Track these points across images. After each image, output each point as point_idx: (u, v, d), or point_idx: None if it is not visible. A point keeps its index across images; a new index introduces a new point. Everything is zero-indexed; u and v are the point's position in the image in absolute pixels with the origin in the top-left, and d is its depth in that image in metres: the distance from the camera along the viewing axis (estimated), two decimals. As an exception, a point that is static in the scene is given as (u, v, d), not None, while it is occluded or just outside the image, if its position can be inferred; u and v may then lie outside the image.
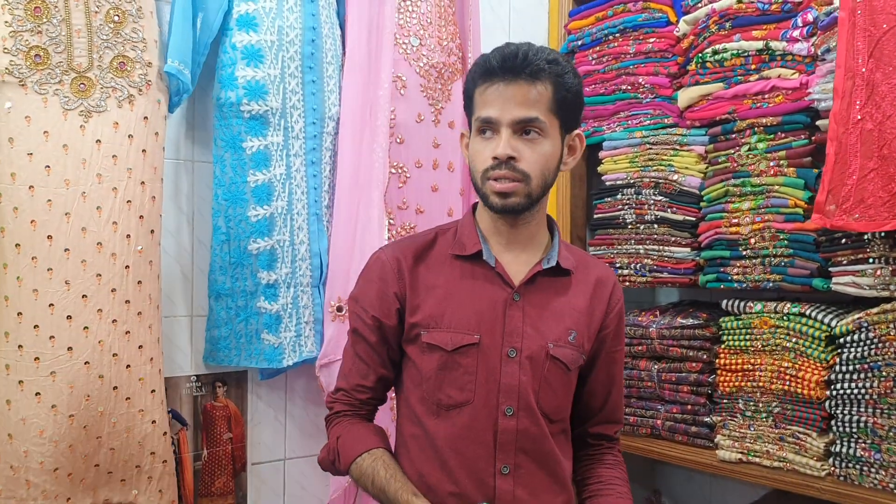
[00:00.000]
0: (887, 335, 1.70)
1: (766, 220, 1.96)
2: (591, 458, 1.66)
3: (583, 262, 1.61)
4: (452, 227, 1.60)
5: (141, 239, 1.74)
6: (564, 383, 1.53)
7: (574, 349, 1.52)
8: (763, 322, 1.95)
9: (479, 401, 1.46)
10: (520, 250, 1.53)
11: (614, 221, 2.32)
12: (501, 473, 1.46)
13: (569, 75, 1.45)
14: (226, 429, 1.98)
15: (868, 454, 1.74)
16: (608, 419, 1.66)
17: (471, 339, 1.47)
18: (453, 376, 1.47)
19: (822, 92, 1.81)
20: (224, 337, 1.90)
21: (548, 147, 1.44)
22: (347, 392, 1.56)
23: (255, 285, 1.90)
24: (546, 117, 1.42)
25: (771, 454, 1.93)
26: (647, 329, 2.20)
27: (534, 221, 1.53)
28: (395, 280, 1.52)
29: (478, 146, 1.46)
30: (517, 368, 1.47)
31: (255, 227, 1.89)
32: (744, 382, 1.98)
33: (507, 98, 1.41)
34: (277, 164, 1.92)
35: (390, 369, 1.57)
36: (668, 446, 2.18)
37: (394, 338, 1.54)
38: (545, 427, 1.49)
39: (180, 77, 1.78)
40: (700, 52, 2.10)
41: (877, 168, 1.61)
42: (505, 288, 1.50)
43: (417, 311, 1.50)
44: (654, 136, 2.24)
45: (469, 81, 1.49)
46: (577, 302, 1.55)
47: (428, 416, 1.49)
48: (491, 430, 1.46)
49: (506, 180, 1.42)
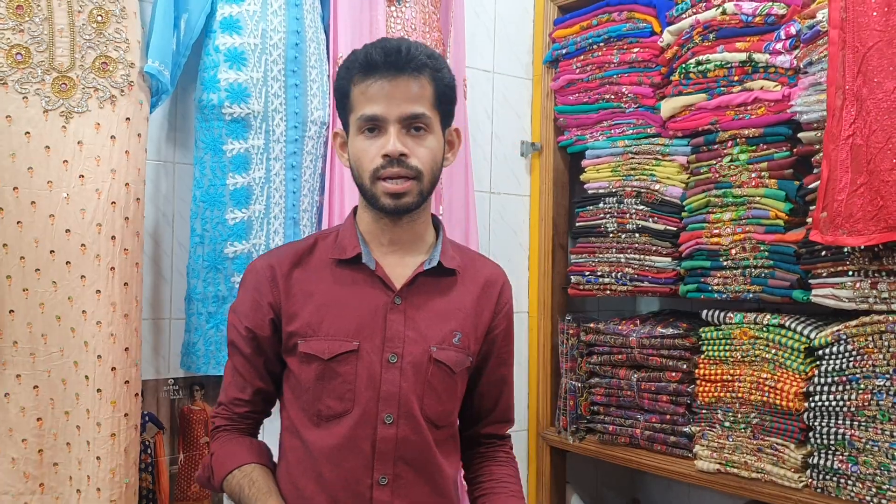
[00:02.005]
0: (866, 348, 1.71)
1: (747, 231, 1.97)
2: (482, 456, 1.62)
3: (472, 263, 1.57)
4: (333, 231, 1.54)
5: (126, 241, 1.73)
6: (449, 387, 1.48)
7: (459, 351, 1.47)
8: (743, 333, 1.96)
9: (359, 410, 1.40)
10: (404, 252, 1.48)
11: (596, 230, 2.33)
12: (379, 484, 1.40)
13: (446, 70, 1.43)
14: (203, 432, 1.97)
15: (846, 466, 1.75)
16: (499, 419, 1.63)
17: (349, 346, 1.41)
18: (332, 386, 1.41)
19: (804, 104, 1.82)
20: (195, 343, 1.88)
21: (433, 142, 1.41)
22: (226, 406, 1.51)
23: (228, 290, 1.89)
24: (430, 112, 1.39)
25: (749, 465, 1.94)
26: (627, 338, 2.20)
27: (419, 220, 1.48)
28: (269, 289, 1.46)
29: (363, 145, 1.40)
30: (398, 375, 1.42)
31: (232, 231, 1.88)
32: (723, 393, 1.99)
33: (392, 94, 1.36)
34: (257, 168, 1.91)
35: (269, 382, 1.51)
36: (646, 456, 2.19)
37: (270, 348, 1.48)
38: (428, 435, 1.44)
39: (160, 77, 1.77)
40: (683, 63, 2.11)
41: (865, 183, 1.63)
42: (386, 292, 1.45)
43: (294, 320, 1.44)
44: (636, 145, 2.25)
45: (344, 78, 1.42)
46: (462, 303, 1.50)
47: (308, 427, 1.43)
48: (369, 439, 1.40)
49: (400, 180, 1.37)
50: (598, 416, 2.31)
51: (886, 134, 1.60)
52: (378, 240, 1.48)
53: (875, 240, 1.63)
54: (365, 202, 1.46)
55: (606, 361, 2.27)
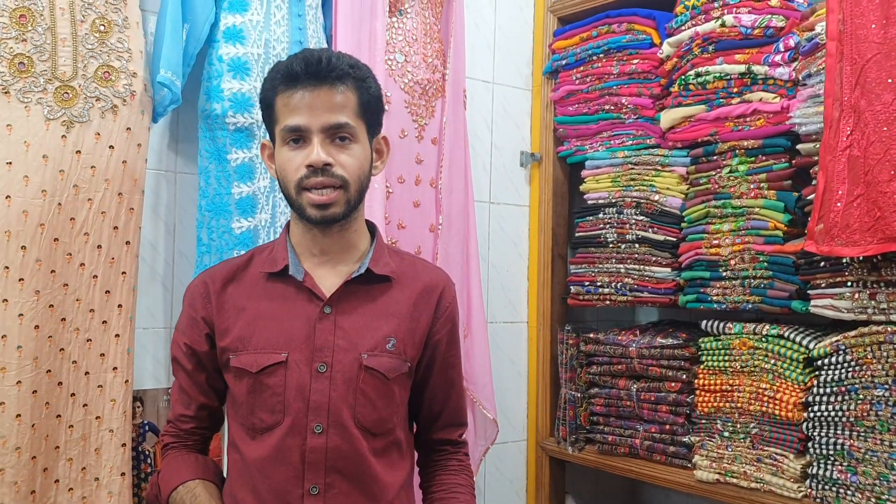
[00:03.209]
0: (864, 358, 1.72)
1: (746, 242, 1.98)
2: (435, 465, 1.61)
3: (411, 268, 1.55)
4: (270, 245, 1.55)
5: (114, 249, 1.73)
6: (384, 394, 1.46)
7: (393, 357, 1.45)
8: (742, 343, 1.96)
9: (289, 420, 1.39)
10: (335, 261, 1.48)
11: (596, 240, 2.34)
12: (310, 494, 1.39)
13: (370, 79, 1.43)
14: (203, 443, 1.96)
15: (845, 476, 1.75)
16: (450, 423, 1.61)
17: (277, 358, 1.41)
18: (262, 399, 1.41)
19: (803, 116, 1.84)
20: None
21: (360, 151, 1.41)
22: (173, 423, 1.52)
23: None
24: (354, 122, 1.39)
25: (748, 475, 1.94)
26: (626, 348, 2.21)
27: (351, 229, 1.47)
28: (202, 305, 1.47)
29: (287, 156, 1.39)
30: (327, 384, 1.41)
31: (238, 240, 1.88)
32: (722, 403, 1.99)
33: (314, 104, 1.36)
34: (262, 177, 1.91)
35: (213, 398, 1.52)
36: (646, 466, 2.19)
37: (210, 364, 1.49)
38: (361, 443, 1.43)
39: (172, 87, 1.77)
40: (683, 74, 2.12)
41: (862, 194, 1.64)
42: (315, 302, 1.44)
43: (226, 335, 1.44)
44: (636, 156, 2.26)
45: (267, 89, 1.41)
46: (397, 309, 1.48)
47: (245, 440, 1.44)
48: (298, 449, 1.40)
49: (327, 190, 1.37)
50: (598, 427, 2.31)
51: (885, 145, 1.61)
52: (309, 251, 1.47)
53: (872, 251, 1.64)
54: (294, 214, 1.46)
55: (606, 371, 2.28)
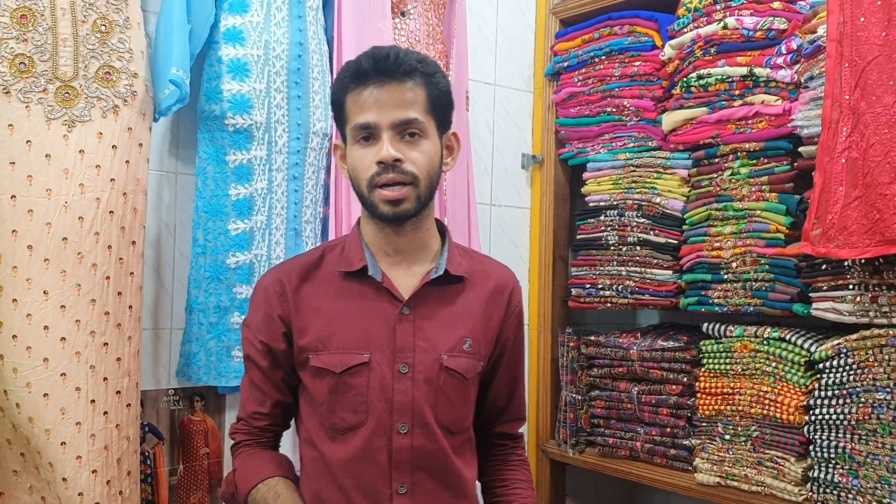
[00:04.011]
0: (866, 361, 1.71)
1: (748, 245, 1.98)
2: (496, 459, 1.63)
3: (481, 268, 1.56)
4: (340, 242, 1.54)
5: (122, 250, 1.72)
6: (462, 394, 1.48)
7: (470, 357, 1.48)
8: (743, 346, 1.96)
9: (373, 421, 1.41)
10: (410, 261, 1.49)
11: (597, 243, 2.33)
12: (398, 493, 1.41)
13: (439, 74, 1.43)
14: (203, 443, 1.96)
15: (846, 480, 1.75)
16: (512, 418, 1.63)
17: (360, 358, 1.42)
18: (345, 399, 1.42)
19: (805, 119, 1.83)
20: (195, 353, 1.88)
21: (430, 147, 1.41)
22: (245, 421, 1.52)
23: (230, 300, 1.88)
24: (424, 117, 1.39)
25: (749, 478, 1.94)
26: (627, 351, 2.20)
27: (423, 228, 1.48)
28: (279, 303, 1.47)
29: (358, 153, 1.40)
30: (410, 385, 1.42)
31: (234, 241, 1.88)
32: (723, 406, 1.99)
33: (383, 101, 1.37)
34: (259, 179, 1.91)
35: (287, 394, 1.52)
36: (646, 468, 2.18)
37: (286, 361, 1.49)
38: (444, 442, 1.45)
39: (182, 86, 1.75)
40: (685, 77, 2.12)
41: (861, 196, 1.63)
42: (393, 303, 1.45)
43: (304, 335, 1.45)
44: (637, 158, 2.25)
45: (338, 89, 1.43)
46: (471, 309, 1.50)
47: (324, 440, 1.44)
48: (385, 450, 1.41)
49: (397, 186, 1.37)
50: (599, 429, 2.31)
51: (885, 147, 1.60)
52: (383, 250, 1.48)
53: (870, 253, 1.63)
54: (367, 213, 1.46)
55: (607, 374, 2.27)
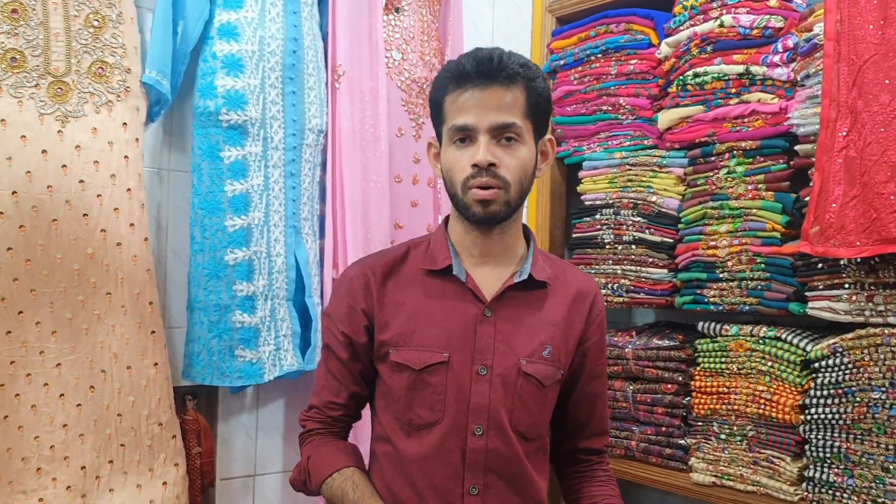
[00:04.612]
0: (862, 360, 1.71)
1: (744, 244, 1.97)
2: (581, 475, 1.62)
3: (562, 274, 1.56)
4: (425, 240, 1.55)
5: (134, 247, 1.73)
6: (539, 400, 1.48)
7: (549, 364, 1.48)
8: (739, 345, 1.95)
9: (449, 420, 1.42)
10: (494, 263, 1.49)
11: (592, 241, 2.32)
12: (470, 494, 1.42)
13: (540, 80, 1.43)
14: (195, 443, 1.94)
15: (841, 479, 1.74)
16: (595, 432, 1.62)
17: (440, 357, 1.43)
18: (423, 396, 1.43)
19: (801, 117, 1.83)
20: (197, 353, 1.86)
21: (525, 153, 1.41)
22: (319, 409, 1.53)
23: (230, 298, 1.87)
24: (522, 122, 1.39)
25: (745, 478, 1.93)
26: (623, 349, 2.19)
27: (510, 232, 1.49)
28: (363, 296, 1.48)
29: (454, 155, 1.41)
30: (487, 387, 1.43)
31: (231, 238, 1.86)
32: (719, 405, 1.98)
33: (483, 104, 1.37)
34: (255, 175, 1.90)
35: (363, 386, 1.53)
36: (641, 468, 2.17)
37: (365, 355, 1.50)
38: (518, 447, 1.45)
39: (159, 88, 1.76)
40: (681, 75, 2.11)
41: (858, 195, 1.63)
42: (476, 304, 1.46)
43: (386, 329, 1.46)
44: (633, 157, 2.25)
45: (438, 89, 1.44)
46: (553, 315, 1.50)
47: (398, 435, 1.46)
48: (459, 450, 1.42)
49: (491, 189, 1.38)
50: (594, 428, 2.30)
51: (882, 146, 1.60)
52: (469, 251, 1.49)
53: (868, 252, 1.63)
54: (456, 213, 1.47)
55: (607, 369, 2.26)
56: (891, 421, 1.66)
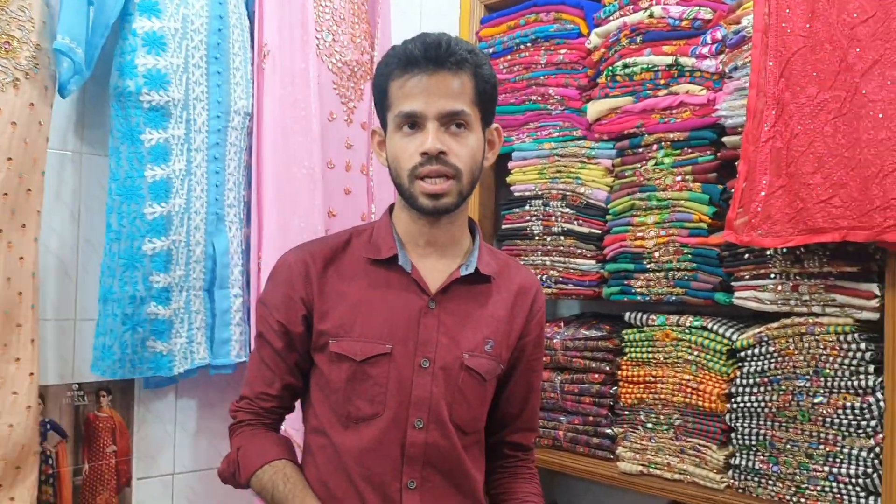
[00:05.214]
0: (787, 349, 1.74)
1: (671, 235, 1.99)
2: (505, 472, 1.62)
3: (505, 268, 1.55)
4: (368, 228, 1.52)
5: (12, 234, 1.61)
6: (479, 394, 1.48)
7: (490, 359, 1.47)
8: (665, 335, 1.97)
9: (389, 413, 1.40)
10: (440, 255, 1.47)
11: (522, 232, 2.31)
12: (408, 488, 1.40)
13: (487, 66, 1.41)
14: (110, 441, 1.85)
15: (766, 466, 1.78)
16: (525, 427, 1.63)
17: (382, 349, 1.40)
18: (363, 388, 1.40)
19: (729, 109, 1.85)
20: (109, 346, 1.77)
21: (473, 141, 1.39)
22: (251, 400, 1.48)
23: (146, 290, 1.78)
24: (470, 109, 1.37)
25: (672, 466, 1.95)
26: (551, 340, 2.19)
27: (457, 223, 1.47)
28: (302, 284, 1.43)
29: (401, 143, 1.37)
30: (430, 380, 1.41)
31: (150, 226, 1.77)
32: (645, 394, 2.00)
33: (431, 90, 1.34)
34: (177, 159, 1.81)
35: (298, 377, 1.49)
36: (569, 458, 2.17)
37: (301, 345, 1.46)
38: (456, 440, 1.44)
39: (72, 56, 1.64)
40: (610, 66, 2.11)
41: (784, 185, 1.65)
42: (420, 295, 1.43)
43: (326, 319, 1.42)
44: (562, 148, 2.24)
45: (383, 74, 1.40)
46: (496, 310, 1.50)
47: (335, 428, 1.42)
48: (399, 443, 1.40)
49: (440, 179, 1.35)
50: (521, 419, 2.29)
51: (809, 138, 1.63)
52: (415, 241, 1.46)
53: (794, 242, 1.66)
54: (403, 202, 1.43)
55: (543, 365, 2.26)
56: (815, 408, 1.70)
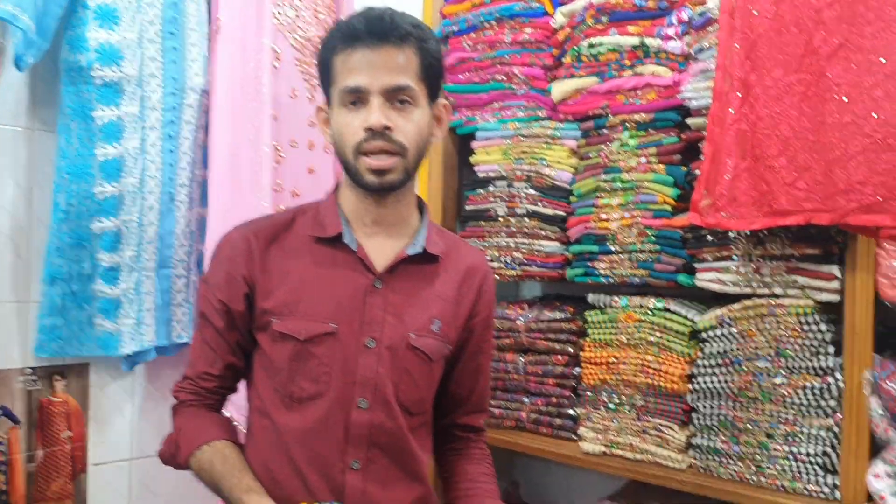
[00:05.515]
0: (748, 331, 1.75)
1: (635, 216, 1.98)
2: (457, 453, 1.62)
3: (454, 248, 1.54)
4: (313, 207, 1.50)
5: None
6: (426, 375, 1.47)
7: (438, 339, 1.47)
8: (628, 316, 1.97)
9: (334, 393, 1.38)
10: (387, 234, 1.45)
11: (485, 214, 2.29)
12: (352, 469, 1.39)
13: (432, 41, 1.40)
14: (64, 426, 1.81)
15: (727, 446, 1.79)
16: (475, 409, 1.63)
17: (327, 328, 1.38)
18: (307, 367, 1.38)
19: (694, 91, 1.84)
20: (58, 326, 1.72)
21: (420, 116, 1.37)
22: (193, 380, 1.46)
23: (92, 268, 1.74)
24: (416, 84, 1.36)
25: (634, 447, 1.96)
26: (514, 322, 2.19)
27: (404, 201, 1.45)
28: (244, 262, 1.41)
29: (345, 119, 1.35)
30: (375, 360, 1.40)
31: (101, 206, 1.72)
32: (608, 375, 2.00)
33: (375, 64, 1.32)
34: (131, 137, 1.75)
35: (240, 357, 1.47)
36: (532, 438, 2.18)
37: (243, 324, 1.44)
38: (402, 421, 1.43)
39: (18, 24, 1.56)
40: (576, 45, 2.09)
41: (749, 168, 1.65)
42: (366, 274, 1.42)
43: (269, 297, 1.40)
44: (527, 128, 2.22)
45: (326, 49, 1.38)
46: (444, 290, 1.49)
47: (278, 408, 1.40)
48: (342, 424, 1.39)
49: (383, 155, 1.33)
50: (485, 401, 2.29)
51: (774, 121, 1.63)
52: (361, 220, 1.44)
53: (759, 224, 1.66)
54: (349, 179, 1.41)
55: (494, 346, 2.25)
56: (775, 389, 1.72)
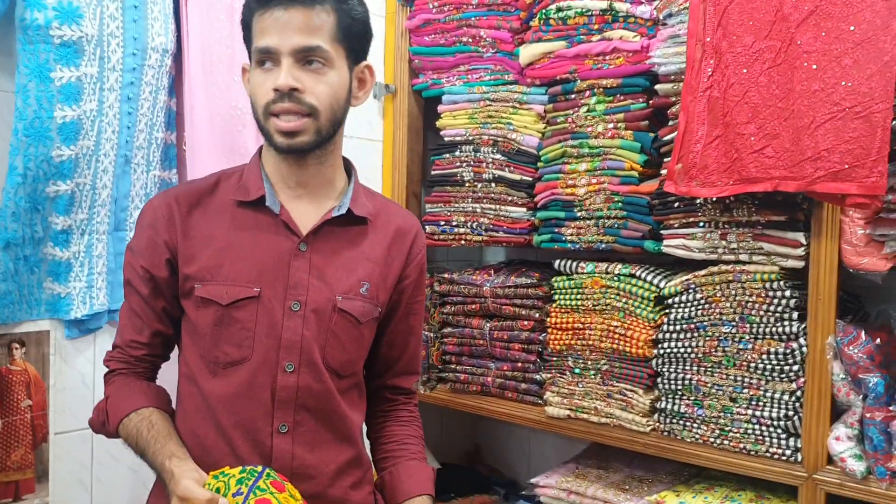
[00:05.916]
0: (713, 297, 1.77)
1: (602, 182, 1.98)
2: (385, 415, 1.63)
3: (384, 210, 1.54)
4: (238, 171, 1.48)
5: None
6: (355, 337, 1.46)
7: (366, 301, 1.46)
8: (594, 282, 1.98)
9: (258, 357, 1.38)
10: (311, 196, 1.45)
11: (452, 179, 2.28)
12: (279, 432, 1.39)
13: (353, 2, 1.38)
14: (24, 395, 1.76)
15: (692, 410, 1.82)
16: (405, 370, 1.63)
17: (249, 291, 1.38)
18: (230, 332, 1.38)
19: (663, 56, 1.84)
20: (9, 292, 1.67)
21: (334, 78, 1.36)
22: (122, 349, 1.45)
23: (44, 230, 1.69)
24: (330, 46, 1.34)
25: (599, 410, 1.98)
26: (480, 288, 2.19)
27: (327, 163, 1.44)
28: (166, 228, 1.40)
29: (258, 79, 1.35)
30: (300, 323, 1.39)
31: (58, 169, 1.66)
32: (574, 341, 2.02)
33: (285, 25, 1.31)
34: (89, 99, 1.69)
35: (167, 325, 1.46)
36: (497, 403, 2.20)
37: (168, 290, 1.42)
38: (330, 383, 1.43)
39: None
40: (544, 9, 2.07)
41: (720, 135, 1.66)
42: (290, 237, 1.41)
43: (192, 263, 1.39)
44: (494, 92, 2.20)
45: (246, 8, 1.37)
46: (372, 252, 1.49)
47: (204, 374, 1.40)
48: (269, 387, 1.38)
49: (292, 116, 1.33)
50: (450, 366, 2.29)
51: (744, 88, 1.64)
52: (284, 182, 1.43)
53: (728, 191, 1.68)
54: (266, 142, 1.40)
55: (459, 311, 2.25)
56: (740, 354, 1.74)
